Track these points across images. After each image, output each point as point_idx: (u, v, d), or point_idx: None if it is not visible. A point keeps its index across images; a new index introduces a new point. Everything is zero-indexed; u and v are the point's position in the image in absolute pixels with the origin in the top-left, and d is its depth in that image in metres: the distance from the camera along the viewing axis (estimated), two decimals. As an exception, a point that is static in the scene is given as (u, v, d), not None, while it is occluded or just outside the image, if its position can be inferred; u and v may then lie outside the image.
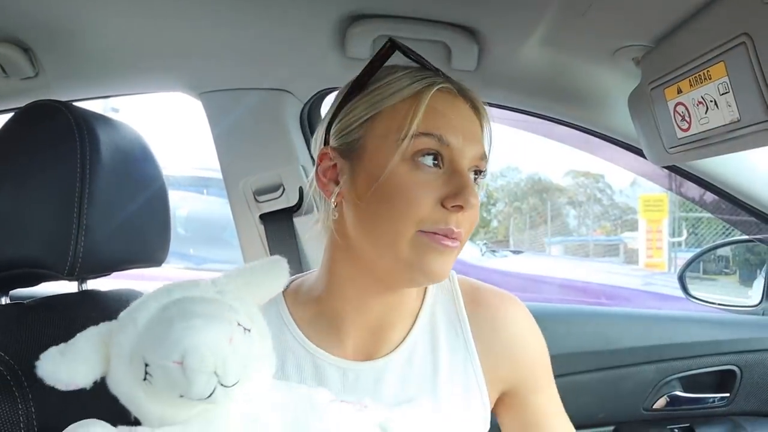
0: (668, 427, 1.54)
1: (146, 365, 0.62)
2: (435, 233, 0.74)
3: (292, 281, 0.90)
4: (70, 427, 0.69)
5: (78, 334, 0.68)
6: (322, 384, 0.79)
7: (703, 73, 0.88)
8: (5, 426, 0.73)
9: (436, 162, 0.74)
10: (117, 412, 0.78)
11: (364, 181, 0.76)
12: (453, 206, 0.73)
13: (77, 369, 0.66)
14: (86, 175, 0.86)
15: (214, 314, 0.65)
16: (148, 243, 1.02)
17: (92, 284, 1.03)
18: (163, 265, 1.10)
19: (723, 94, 0.86)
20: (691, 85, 0.92)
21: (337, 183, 0.79)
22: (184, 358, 0.60)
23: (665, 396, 1.53)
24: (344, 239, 0.80)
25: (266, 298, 0.74)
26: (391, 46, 0.78)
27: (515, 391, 0.87)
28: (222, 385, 0.61)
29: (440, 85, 0.76)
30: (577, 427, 1.50)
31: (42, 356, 0.65)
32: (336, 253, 0.82)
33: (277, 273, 0.74)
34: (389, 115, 0.75)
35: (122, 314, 0.68)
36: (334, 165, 0.79)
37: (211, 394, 0.61)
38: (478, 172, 0.79)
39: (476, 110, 0.80)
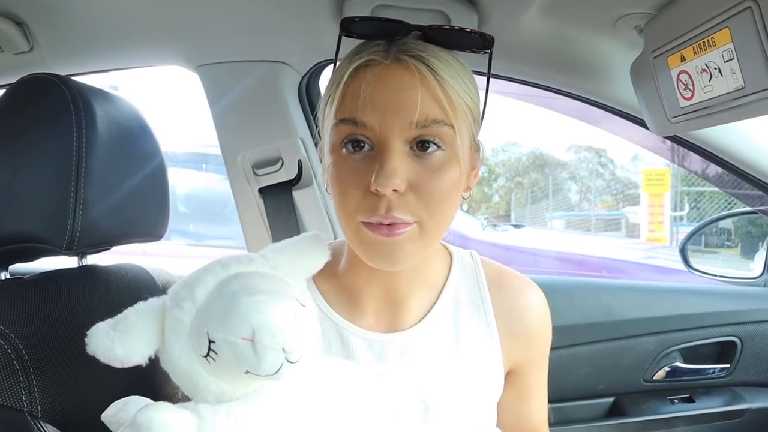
0: (668, 398, 1.55)
1: (211, 341, 0.61)
2: (371, 223, 0.70)
3: None
4: (121, 402, 0.69)
5: (128, 309, 0.67)
6: (349, 354, 0.80)
7: (707, 40, 0.87)
8: (7, 399, 0.73)
9: (358, 147, 0.71)
10: (122, 388, 0.78)
11: (325, 170, 0.77)
12: (374, 191, 0.69)
13: (133, 344, 0.64)
14: (83, 149, 0.85)
15: (277, 290, 0.65)
16: (147, 217, 1.01)
17: (92, 259, 1.03)
18: (163, 241, 1.10)
19: (727, 61, 0.84)
20: (694, 53, 0.91)
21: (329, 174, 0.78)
22: (254, 334, 0.59)
23: (665, 367, 1.54)
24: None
25: (311, 273, 0.76)
26: (342, 26, 0.74)
27: (518, 370, 0.89)
28: (288, 361, 0.61)
29: (358, 62, 0.71)
30: (577, 398, 1.53)
31: (91, 332, 0.64)
32: None
33: (321, 249, 0.77)
34: (327, 103, 0.75)
35: (175, 288, 0.68)
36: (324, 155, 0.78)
37: (277, 371, 0.61)
38: (425, 142, 0.70)
39: (424, 71, 0.70)
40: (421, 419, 0.78)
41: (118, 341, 0.63)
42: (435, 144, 0.71)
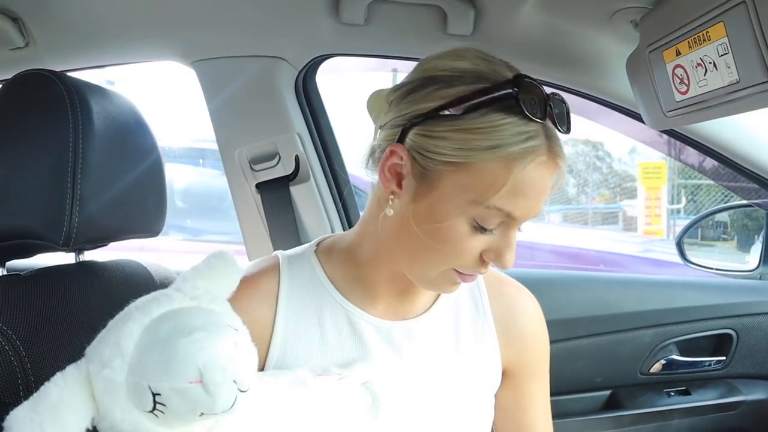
0: (665, 390, 1.55)
1: (155, 394, 0.58)
2: (464, 273, 0.77)
3: (323, 240, 0.92)
4: None
5: (45, 385, 0.60)
6: (359, 338, 0.83)
7: (702, 34, 0.87)
8: (5, 396, 0.74)
9: (489, 231, 0.74)
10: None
11: (423, 212, 0.74)
12: (491, 262, 0.76)
13: (65, 422, 0.58)
14: (79, 145, 0.85)
15: (210, 322, 0.62)
16: (144, 213, 1.02)
17: (89, 255, 1.03)
18: (161, 237, 1.10)
19: (722, 55, 0.84)
20: (689, 47, 0.91)
21: (398, 186, 0.76)
22: (202, 374, 0.57)
23: (662, 360, 1.54)
24: (385, 228, 0.79)
25: (230, 293, 0.72)
26: (516, 82, 0.70)
27: (515, 373, 0.93)
28: (240, 391, 0.60)
29: (538, 160, 0.71)
30: (574, 391, 1.53)
31: (10, 422, 0.57)
32: (378, 230, 0.81)
33: (233, 267, 0.73)
34: (475, 171, 0.70)
35: (94, 349, 0.62)
36: (402, 167, 0.75)
37: (233, 404, 0.59)
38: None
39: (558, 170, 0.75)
40: (370, 416, 0.78)
41: (47, 423, 0.57)
42: None
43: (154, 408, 0.58)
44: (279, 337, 0.82)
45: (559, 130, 0.73)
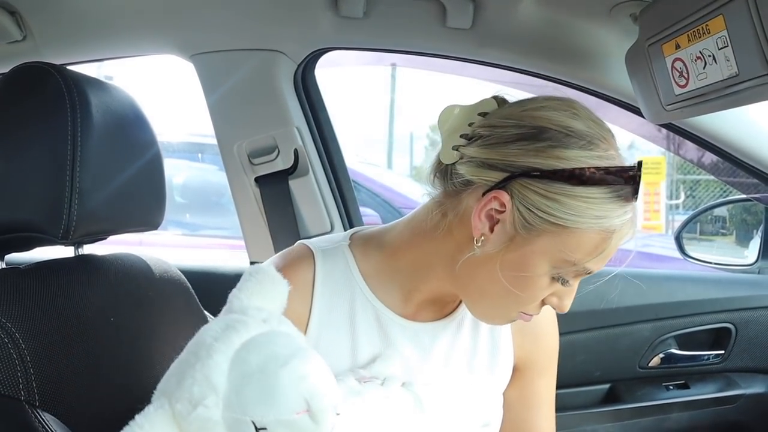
0: (663, 384, 1.56)
1: (260, 429, 0.56)
2: (526, 314, 0.81)
3: (356, 232, 0.91)
4: None
5: (130, 427, 0.59)
6: (386, 338, 0.84)
7: (702, 28, 0.87)
8: (4, 388, 0.73)
9: (565, 282, 0.77)
10: (121, 377, 0.79)
11: (512, 261, 0.75)
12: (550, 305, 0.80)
13: None
14: (77, 138, 0.85)
15: (297, 348, 0.61)
16: (143, 206, 1.01)
17: (89, 249, 1.02)
18: (160, 231, 1.10)
19: (722, 48, 0.84)
20: (689, 40, 0.91)
21: (490, 230, 0.75)
22: (309, 404, 0.56)
23: (661, 354, 1.54)
24: (461, 261, 0.78)
25: (283, 308, 0.71)
26: (639, 173, 0.73)
27: (525, 368, 0.94)
28: (337, 414, 0.59)
29: (625, 224, 0.74)
30: (573, 385, 1.54)
31: None
32: (445, 250, 0.81)
33: (280, 282, 0.71)
34: (577, 236, 0.73)
35: (174, 386, 0.60)
36: (500, 213, 0.74)
37: (332, 429, 0.59)
38: None
39: None
40: (417, 414, 0.80)
41: None
42: None
43: None
44: (313, 330, 0.83)
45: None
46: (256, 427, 0.56)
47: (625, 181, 0.72)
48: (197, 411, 0.57)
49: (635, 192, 0.73)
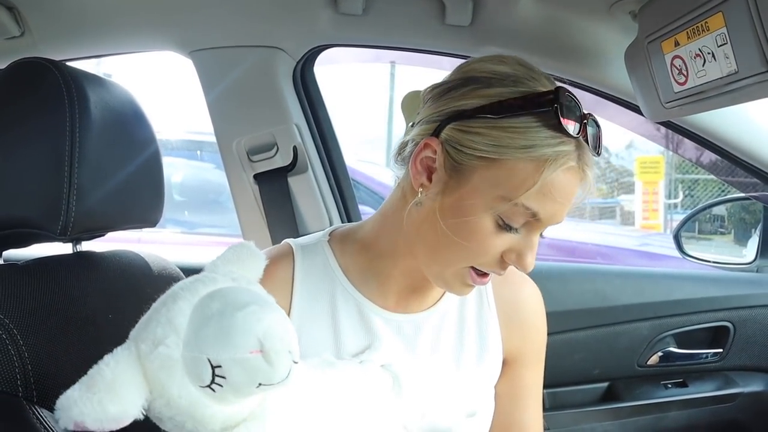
0: (662, 382, 1.56)
1: (215, 367, 0.59)
2: (479, 272, 0.78)
3: (335, 229, 0.93)
4: None
5: (96, 367, 0.60)
6: (369, 330, 0.85)
7: (701, 25, 0.87)
8: (3, 384, 0.73)
9: (514, 229, 0.75)
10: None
11: (451, 206, 0.75)
12: (511, 263, 0.77)
13: (124, 397, 0.58)
14: (76, 134, 0.85)
15: (258, 298, 0.63)
16: (141, 203, 1.01)
17: (87, 246, 1.02)
18: (158, 229, 1.10)
19: (721, 45, 0.84)
20: (688, 38, 0.91)
21: (428, 179, 0.77)
22: (263, 344, 0.58)
23: (659, 352, 1.55)
24: (409, 221, 0.80)
25: (258, 279, 0.73)
26: (557, 94, 0.71)
27: (513, 361, 0.94)
28: (294, 362, 0.60)
29: (568, 165, 0.72)
30: (572, 383, 1.54)
31: (65, 403, 0.58)
32: (400, 223, 0.82)
33: (258, 254, 0.74)
34: (507, 168, 0.72)
35: (144, 330, 0.63)
36: (433, 161, 0.76)
37: (288, 374, 0.60)
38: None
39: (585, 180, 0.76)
40: (394, 394, 0.80)
41: (106, 401, 0.57)
42: None
43: (213, 381, 0.59)
44: (294, 323, 0.83)
45: (590, 150, 0.75)
46: (211, 365, 0.58)
47: (544, 104, 0.71)
48: (158, 350, 0.60)
49: (560, 122, 0.70)
